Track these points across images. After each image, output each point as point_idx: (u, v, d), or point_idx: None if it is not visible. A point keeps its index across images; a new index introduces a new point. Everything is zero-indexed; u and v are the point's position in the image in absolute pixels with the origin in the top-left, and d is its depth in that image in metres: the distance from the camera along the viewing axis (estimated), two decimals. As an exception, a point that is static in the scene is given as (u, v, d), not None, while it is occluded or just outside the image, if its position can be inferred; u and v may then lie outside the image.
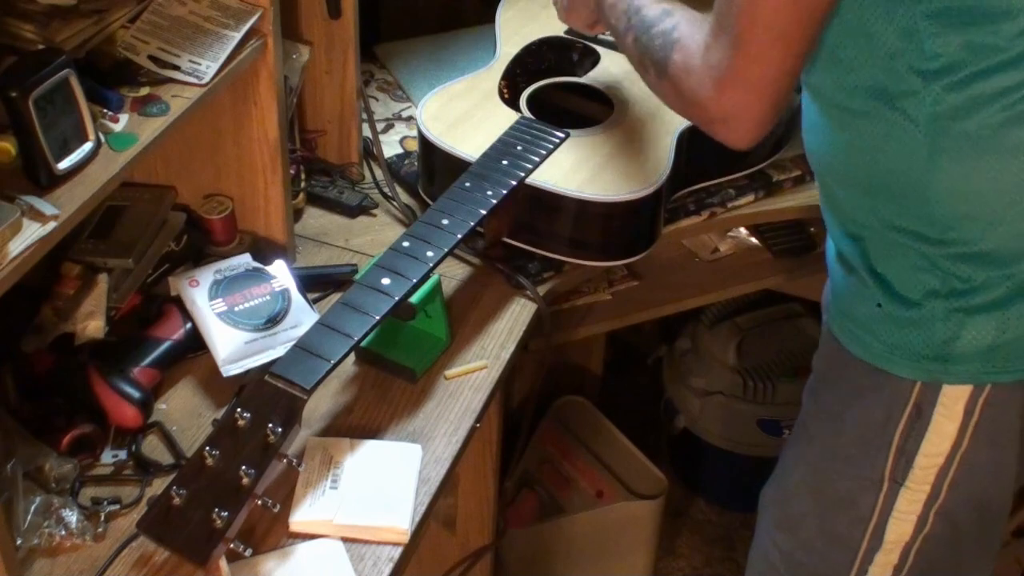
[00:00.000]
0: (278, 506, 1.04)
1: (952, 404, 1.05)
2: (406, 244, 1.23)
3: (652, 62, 1.10)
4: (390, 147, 1.63)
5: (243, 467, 1.00)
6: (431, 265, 1.21)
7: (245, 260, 1.32)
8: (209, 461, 1.00)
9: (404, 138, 1.66)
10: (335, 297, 1.31)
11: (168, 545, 0.98)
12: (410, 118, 1.70)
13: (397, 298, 1.17)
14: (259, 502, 1.02)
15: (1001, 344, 1.03)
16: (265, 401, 1.05)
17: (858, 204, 1.08)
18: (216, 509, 0.97)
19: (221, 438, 1.02)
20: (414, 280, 1.19)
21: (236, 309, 1.25)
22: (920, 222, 1.02)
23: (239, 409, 1.03)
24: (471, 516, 1.66)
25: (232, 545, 0.99)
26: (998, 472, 1.11)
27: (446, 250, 1.23)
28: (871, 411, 1.10)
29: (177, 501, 0.98)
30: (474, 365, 1.30)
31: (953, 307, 1.04)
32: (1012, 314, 1.03)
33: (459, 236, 1.25)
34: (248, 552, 1.00)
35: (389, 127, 1.69)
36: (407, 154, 1.62)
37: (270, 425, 1.03)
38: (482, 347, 1.33)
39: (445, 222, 1.27)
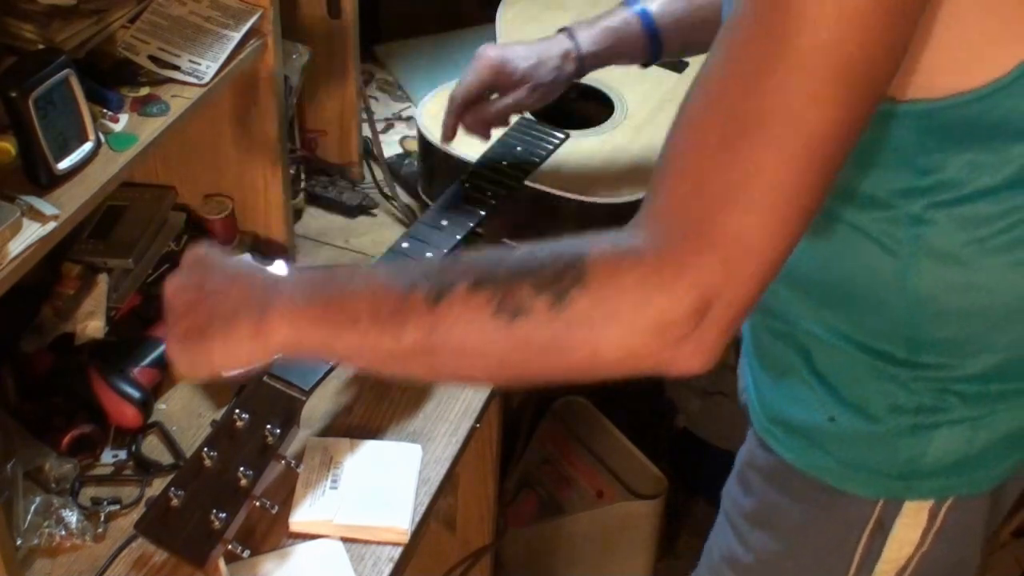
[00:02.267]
0: (276, 507, 1.04)
1: (915, 514, 0.94)
2: (405, 245, 1.23)
3: (539, 286, 0.76)
4: (390, 147, 1.63)
5: (241, 468, 1.00)
6: (431, 266, 1.21)
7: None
8: (207, 462, 1.01)
9: (404, 138, 1.66)
10: (335, 297, 1.31)
11: (166, 546, 0.98)
12: (410, 118, 1.70)
13: (396, 299, 1.16)
14: (257, 503, 1.02)
15: (970, 457, 0.92)
16: (263, 402, 1.05)
17: (805, 311, 0.92)
18: (214, 510, 0.98)
19: (219, 439, 1.02)
20: (413, 281, 1.19)
21: (236, 309, 1.25)
22: (888, 341, 0.88)
23: (237, 410, 1.03)
24: (471, 516, 1.66)
25: (230, 546, 0.99)
26: (958, 568, 1.00)
27: (445, 251, 1.23)
28: (826, 531, 0.98)
29: (175, 502, 0.98)
30: (474, 366, 1.30)
31: (920, 423, 0.90)
32: (982, 424, 0.90)
33: (458, 237, 1.25)
34: (246, 553, 1.00)
35: (389, 127, 1.69)
36: (407, 154, 1.61)
37: (268, 426, 1.03)
38: (482, 348, 1.33)
39: (445, 223, 1.27)
